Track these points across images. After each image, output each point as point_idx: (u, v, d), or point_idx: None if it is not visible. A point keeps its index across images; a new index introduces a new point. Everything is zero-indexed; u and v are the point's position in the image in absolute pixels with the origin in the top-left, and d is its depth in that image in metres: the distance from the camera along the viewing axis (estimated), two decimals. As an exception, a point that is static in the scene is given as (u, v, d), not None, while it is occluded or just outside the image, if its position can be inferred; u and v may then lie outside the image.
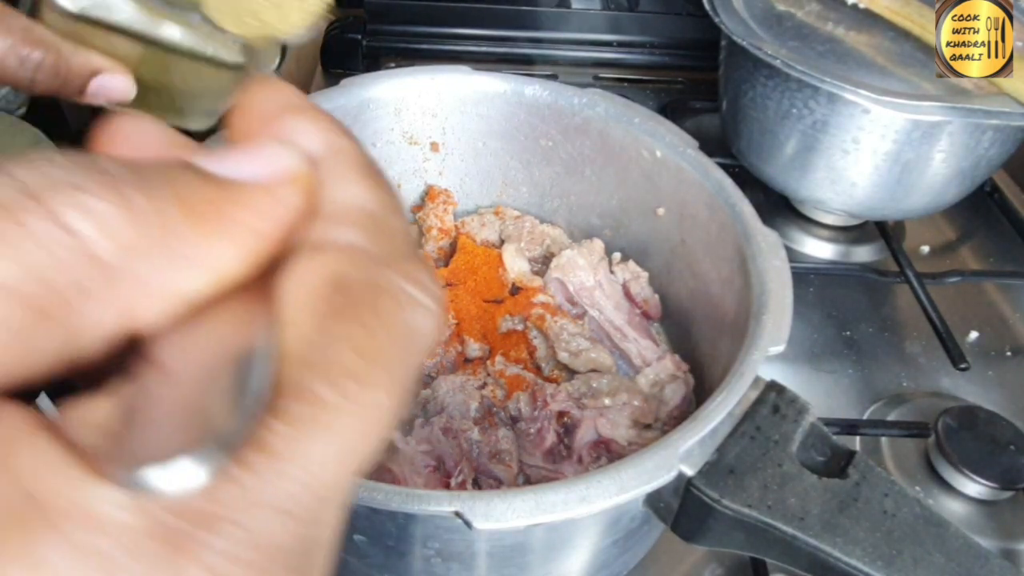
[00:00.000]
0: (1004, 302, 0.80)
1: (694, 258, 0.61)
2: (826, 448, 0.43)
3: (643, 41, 1.09)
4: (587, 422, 0.54)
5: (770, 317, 0.47)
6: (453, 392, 0.58)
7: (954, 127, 0.66)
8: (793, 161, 0.75)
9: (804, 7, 0.76)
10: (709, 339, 0.59)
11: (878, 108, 0.66)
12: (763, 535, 0.39)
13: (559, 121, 0.66)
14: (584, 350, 0.60)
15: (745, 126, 0.79)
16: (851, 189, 0.74)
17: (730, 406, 0.42)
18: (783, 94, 0.71)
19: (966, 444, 0.60)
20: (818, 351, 0.73)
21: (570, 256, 0.65)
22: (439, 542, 0.41)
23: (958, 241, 0.88)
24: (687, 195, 0.60)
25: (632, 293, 0.65)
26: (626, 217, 0.67)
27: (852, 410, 0.68)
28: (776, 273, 0.50)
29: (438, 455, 0.51)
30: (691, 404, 0.58)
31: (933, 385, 0.71)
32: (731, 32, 0.70)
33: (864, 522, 0.39)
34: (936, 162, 0.70)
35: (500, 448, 0.53)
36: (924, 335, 0.73)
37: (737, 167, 0.82)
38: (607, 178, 0.66)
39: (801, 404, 0.43)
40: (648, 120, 0.62)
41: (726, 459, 0.41)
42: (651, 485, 0.39)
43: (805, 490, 0.40)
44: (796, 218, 0.87)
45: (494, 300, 0.64)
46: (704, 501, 0.40)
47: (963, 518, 0.60)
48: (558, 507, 0.37)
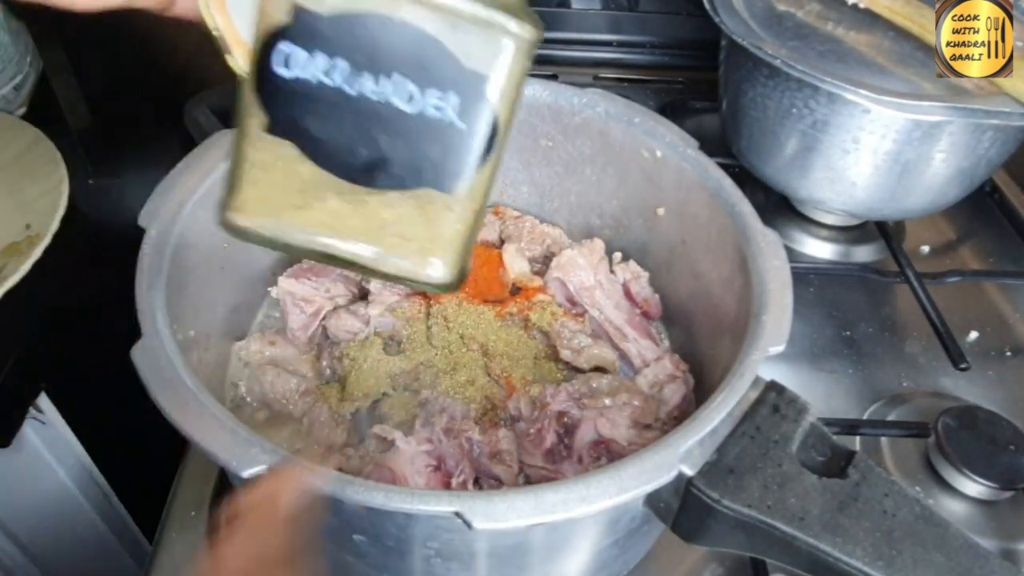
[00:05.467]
0: (1004, 302, 0.80)
1: (694, 258, 0.61)
2: (826, 448, 0.43)
3: (643, 41, 1.09)
4: (587, 422, 0.54)
5: (770, 317, 0.47)
6: (453, 392, 0.58)
7: (954, 127, 0.66)
8: (793, 161, 0.75)
9: (804, 7, 0.76)
10: (709, 339, 0.59)
11: (878, 108, 0.66)
12: (763, 535, 0.39)
13: (559, 121, 0.65)
14: (586, 347, 0.60)
15: (745, 126, 0.79)
16: (851, 189, 0.74)
17: (730, 406, 0.42)
18: (783, 94, 0.71)
19: (966, 444, 0.60)
20: (818, 351, 0.73)
21: (570, 256, 0.65)
22: (439, 542, 0.41)
23: (958, 241, 0.88)
24: (687, 195, 0.60)
25: (632, 293, 0.65)
26: (626, 217, 0.67)
27: (852, 410, 0.68)
28: (776, 273, 0.50)
29: (439, 455, 0.51)
30: (691, 404, 0.58)
31: (933, 385, 0.71)
32: (731, 32, 0.70)
33: (864, 522, 0.39)
34: (936, 162, 0.70)
35: (500, 448, 0.53)
36: (924, 335, 0.73)
37: (737, 167, 0.82)
38: (607, 178, 0.66)
39: (801, 404, 0.43)
40: (648, 120, 0.62)
41: (726, 459, 0.41)
42: (651, 485, 0.39)
43: (805, 490, 0.40)
44: (796, 218, 0.87)
45: (494, 300, 0.64)
46: (704, 501, 0.40)
47: (963, 518, 0.60)
48: (558, 507, 0.37)
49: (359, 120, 0.30)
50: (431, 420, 0.55)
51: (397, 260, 0.33)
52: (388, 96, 0.30)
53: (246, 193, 0.32)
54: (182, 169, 0.54)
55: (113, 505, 0.88)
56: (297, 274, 0.63)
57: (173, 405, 0.40)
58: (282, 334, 0.62)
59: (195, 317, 0.52)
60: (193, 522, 0.58)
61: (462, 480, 0.51)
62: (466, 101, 0.30)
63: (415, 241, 0.32)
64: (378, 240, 0.32)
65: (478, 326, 0.62)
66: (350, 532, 0.42)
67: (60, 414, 0.75)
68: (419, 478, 0.50)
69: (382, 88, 0.30)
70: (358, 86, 0.30)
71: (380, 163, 0.31)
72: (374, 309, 0.61)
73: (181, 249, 0.50)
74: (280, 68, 0.30)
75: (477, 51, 0.30)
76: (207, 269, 0.55)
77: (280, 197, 0.32)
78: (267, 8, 0.29)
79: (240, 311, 0.62)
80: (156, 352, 0.42)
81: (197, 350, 0.52)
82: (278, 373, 0.58)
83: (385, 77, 0.30)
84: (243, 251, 0.60)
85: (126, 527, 0.92)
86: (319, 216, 0.32)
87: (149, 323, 0.44)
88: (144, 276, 0.46)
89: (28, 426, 0.72)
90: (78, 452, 0.80)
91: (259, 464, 0.37)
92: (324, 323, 0.62)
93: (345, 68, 0.29)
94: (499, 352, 0.61)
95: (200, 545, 0.56)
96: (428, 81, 0.30)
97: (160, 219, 0.50)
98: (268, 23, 0.29)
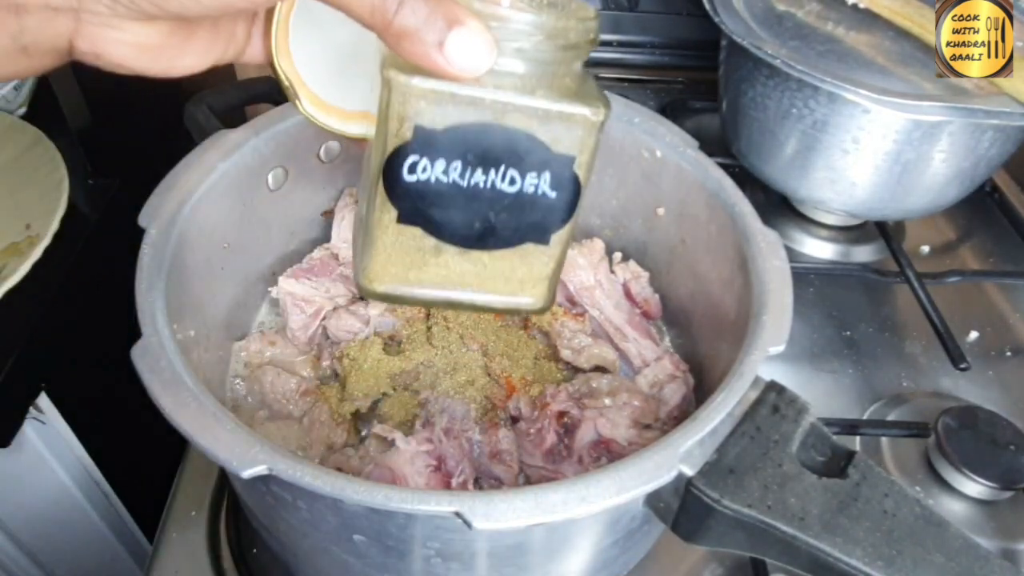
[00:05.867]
0: (1004, 302, 0.80)
1: (694, 258, 0.61)
2: (826, 448, 0.43)
3: (643, 41, 1.09)
4: (587, 422, 0.54)
5: (770, 317, 0.47)
6: (454, 392, 0.58)
7: (954, 127, 0.66)
8: (793, 161, 0.75)
9: (804, 7, 0.76)
10: (709, 339, 0.59)
11: (878, 108, 0.66)
12: (763, 535, 0.39)
13: (559, 121, 0.65)
14: (587, 346, 0.60)
15: (745, 126, 0.79)
16: (851, 189, 0.74)
17: (730, 406, 0.42)
18: (783, 94, 0.71)
19: (966, 444, 0.60)
20: (818, 351, 0.73)
21: (570, 256, 0.65)
22: (439, 542, 0.41)
23: (958, 241, 0.88)
24: (687, 195, 0.60)
25: (632, 293, 0.65)
26: (626, 217, 0.67)
27: (852, 410, 0.68)
28: (776, 273, 0.50)
29: (439, 455, 0.51)
30: (691, 404, 0.58)
31: (933, 385, 0.71)
32: (731, 32, 0.70)
33: (864, 522, 0.39)
34: (936, 162, 0.70)
35: (501, 448, 0.53)
36: (924, 335, 0.74)
37: (737, 167, 0.82)
38: (607, 178, 0.66)
39: (801, 404, 0.43)
40: (648, 120, 0.62)
41: (726, 459, 0.41)
42: (651, 485, 0.39)
43: (805, 490, 0.40)
44: (796, 218, 0.87)
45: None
46: (704, 501, 0.40)
47: (963, 518, 0.60)
48: (558, 507, 0.37)
49: (472, 204, 0.36)
50: (431, 420, 0.55)
51: (504, 298, 0.40)
52: (495, 183, 0.36)
53: (379, 265, 0.38)
54: (182, 169, 0.54)
55: (113, 505, 0.88)
56: (297, 274, 0.63)
57: (173, 405, 0.40)
58: (282, 334, 0.62)
59: (195, 317, 0.52)
60: (193, 522, 0.58)
61: (462, 480, 0.51)
62: (557, 176, 0.36)
63: (518, 282, 0.40)
64: (487, 286, 0.39)
65: (478, 326, 0.62)
66: (350, 532, 0.42)
67: (60, 414, 0.75)
68: (419, 478, 0.50)
69: (490, 177, 0.36)
70: (470, 179, 0.36)
71: (490, 232, 0.37)
72: (374, 309, 0.61)
73: (181, 249, 0.50)
74: (406, 174, 0.35)
75: (563, 137, 0.35)
76: (207, 269, 0.55)
77: (406, 263, 0.38)
78: (392, 128, 0.34)
79: (240, 311, 0.62)
80: (156, 352, 0.42)
81: (197, 350, 0.52)
82: (278, 373, 0.58)
83: (493, 169, 0.35)
84: (243, 251, 0.60)
85: (126, 527, 0.92)
86: (439, 272, 0.38)
87: (149, 323, 0.44)
88: (144, 276, 0.46)
89: (28, 426, 0.72)
90: (78, 452, 0.80)
91: (259, 464, 0.37)
92: (324, 323, 0.62)
93: (459, 167, 0.35)
94: (499, 352, 0.61)
95: (200, 545, 0.57)
96: (526, 167, 0.36)
97: (160, 219, 0.50)
98: (395, 140, 0.34)
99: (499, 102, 0.34)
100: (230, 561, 0.56)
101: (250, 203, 0.59)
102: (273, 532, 0.50)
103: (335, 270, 0.66)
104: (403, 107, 0.33)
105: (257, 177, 0.59)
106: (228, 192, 0.56)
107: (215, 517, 0.59)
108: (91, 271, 0.74)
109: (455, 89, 0.33)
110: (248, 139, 0.57)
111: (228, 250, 0.58)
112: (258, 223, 0.60)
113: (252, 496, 0.48)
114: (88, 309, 0.75)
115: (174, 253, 0.49)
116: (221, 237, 0.57)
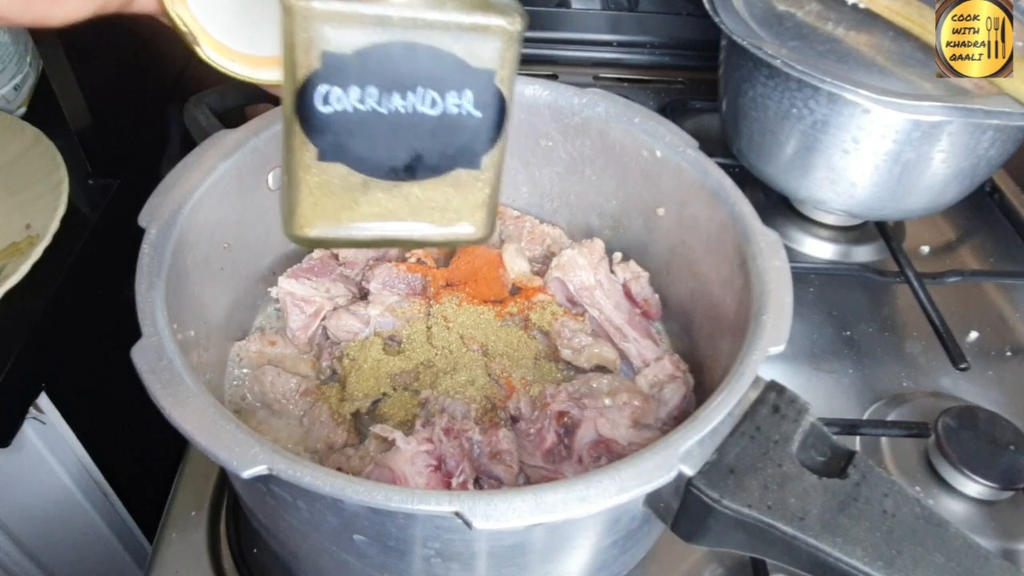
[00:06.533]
0: (1004, 302, 0.80)
1: (694, 258, 0.61)
2: (826, 448, 0.43)
3: (643, 41, 1.09)
4: (587, 422, 0.54)
5: (770, 317, 0.47)
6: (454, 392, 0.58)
7: (954, 127, 0.66)
8: (793, 161, 0.75)
9: (804, 7, 0.76)
10: (709, 339, 0.59)
11: (878, 108, 0.66)
12: (763, 535, 0.39)
13: (559, 121, 0.65)
14: (587, 346, 0.60)
15: (745, 126, 0.79)
16: (851, 189, 0.74)
17: (730, 406, 0.42)
18: (783, 94, 0.71)
19: (966, 444, 0.60)
20: (818, 351, 0.73)
21: (570, 256, 0.65)
22: (439, 542, 0.41)
23: (958, 241, 0.88)
24: (687, 195, 0.60)
25: (632, 293, 0.65)
26: (626, 217, 0.67)
27: (852, 410, 0.68)
28: (776, 273, 0.50)
29: (439, 455, 0.51)
30: (691, 404, 0.58)
31: (933, 385, 0.71)
32: (731, 32, 0.70)
33: (864, 522, 0.39)
34: (936, 162, 0.70)
35: (500, 448, 0.53)
36: (924, 335, 0.74)
37: (737, 167, 0.82)
38: (607, 178, 0.66)
39: (801, 404, 0.43)
40: (648, 120, 0.62)
41: (726, 459, 0.41)
42: (651, 485, 0.39)
43: (805, 490, 0.40)
44: (796, 218, 0.87)
45: (494, 300, 0.64)
46: (704, 501, 0.39)
47: (963, 518, 0.60)
48: (558, 507, 0.37)
49: (394, 131, 0.35)
50: (431, 420, 0.55)
51: (442, 229, 0.39)
52: (415, 106, 0.35)
53: (306, 209, 0.36)
54: (182, 169, 0.54)
55: (113, 505, 0.88)
56: (297, 274, 0.63)
57: (173, 405, 0.40)
58: (282, 334, 0.62)
59: (195, 317, 0.52)
60: (193, 522, 0.58)
61: (462, 480, 0.51)
62: (479, 94, 0.35)
63: (453, 211, 0.38)
64: (423, 217, 0.38)
65: (478, 326, 0.62)
66: (350, 532, 0.42)
67: (60, 414, 0.75)
68: (419, 478, 0.50)
69: (409, 101, 0.34)
70: (388, 104, 0.34)
71: (417, 160, 0.36)
72: (374, 309, 0.61)
73: (181, 249, 0.50)
74: (320, 106, 0.33)
75: (480, 52, 0.34)
76: (207, 269, 0.55)
77: (335, 204, 0.36)
78: (299, 59, 0.32)
79: (240, 311, 0.62)
80: (156, 352, 0.42)
81: (197, 350, 0.52)
82: (278, 373, 0.58)
83: (410, 92, 0.34)
84: (243, 251, 0.60)
85: (126, 527, 0.91)
86: (371, 210, 0.37)
87: (149, 323, 0.44)
88: (144, 276, 0.46)
89: (28, 426, 0.72)
90: (78, 452, 0.80)
91: (259, 464, 0.37)
92: (324, 323, 0.62)
93: (375, 92, 0.34)
94: (499, 352, 0.61)
95: (200, 545, 0.57)
96: (446, 86, 0.35)
97: (160, 219, 0.50)
98: (303, 70, 0.33)
99: (407, 18, 0.33)
100: (230, 561, 0.56)
101: (250, 203, 0.59)
102: (273, 532, 0.50)
103: (335, 270, 0.66)
104: (307, 33, 0.32)
105: (257, 177, 0.59)
106: (228, 192, 0.56)
107: (215, 517, 0.59)
108: (91, 271, 0.74)
109: (360, 8, 0.32)
110: (248, 139, 0.57)
111: (228, 250, 0.58)
112: (258, 223, 0.60)
113: (252, 496, 0.48)
114: (88, 309, 0.75)
115: (174, 253, 0.49)
116: (221, 237, 0.57)
